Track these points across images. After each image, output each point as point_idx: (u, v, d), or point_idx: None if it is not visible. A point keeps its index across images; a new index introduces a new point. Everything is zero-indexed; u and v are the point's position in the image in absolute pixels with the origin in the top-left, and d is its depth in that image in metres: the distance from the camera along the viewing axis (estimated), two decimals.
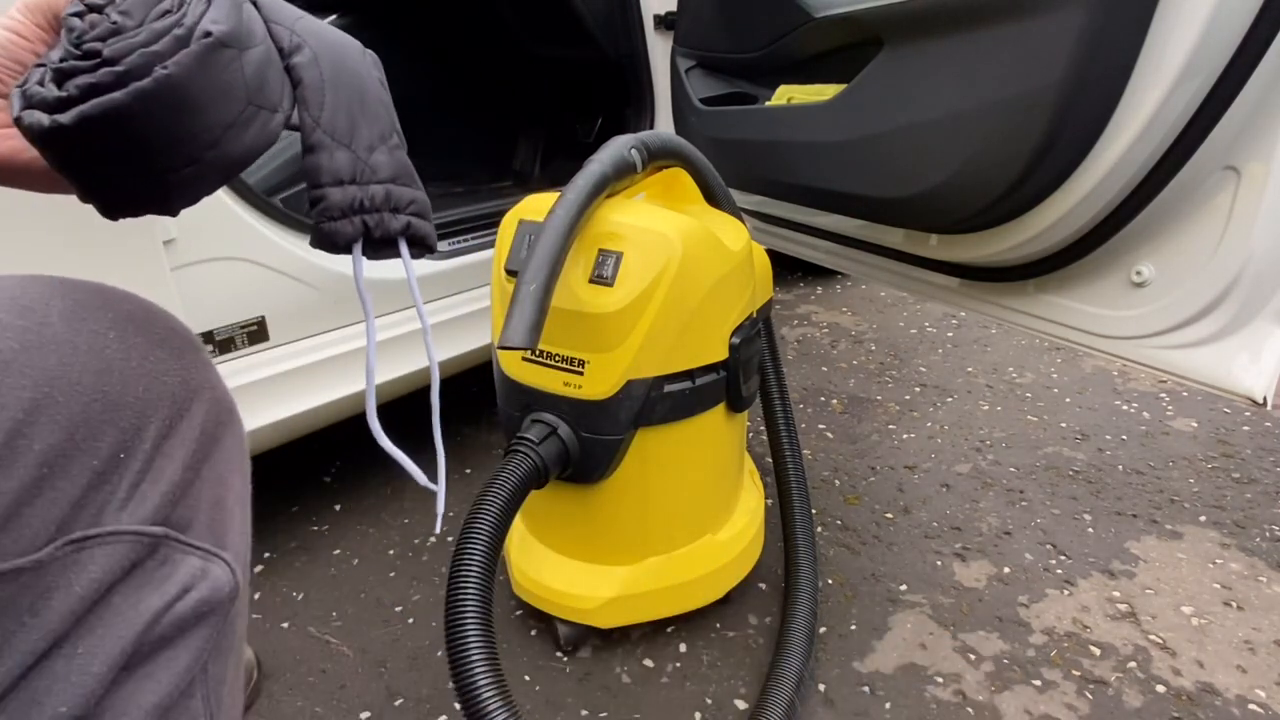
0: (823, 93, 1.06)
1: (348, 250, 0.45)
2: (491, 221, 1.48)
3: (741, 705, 0.98)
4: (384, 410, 1.24)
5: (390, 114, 0.47)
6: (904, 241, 1.10)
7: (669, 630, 1.10)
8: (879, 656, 1.04)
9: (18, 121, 0.35)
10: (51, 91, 0.35)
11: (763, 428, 1.23)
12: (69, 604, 0.34)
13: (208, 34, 0.36)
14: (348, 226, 0.44)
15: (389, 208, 0.46)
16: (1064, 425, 1.61)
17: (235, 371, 1.07)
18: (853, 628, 1.09)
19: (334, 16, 2.18)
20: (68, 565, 0.34)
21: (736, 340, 0.95)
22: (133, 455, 0.38)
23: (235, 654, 0.43)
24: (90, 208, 0.39)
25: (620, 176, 0.86)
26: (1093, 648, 1.05)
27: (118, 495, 0.37)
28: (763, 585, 1.18)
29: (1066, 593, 1.15)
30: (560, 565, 1.03)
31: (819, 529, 1.30)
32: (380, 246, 0.47)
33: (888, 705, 0.97)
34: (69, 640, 0.34)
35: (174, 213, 0.40)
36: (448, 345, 1.34)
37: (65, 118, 0.34)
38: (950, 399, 1.74)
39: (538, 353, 0.91)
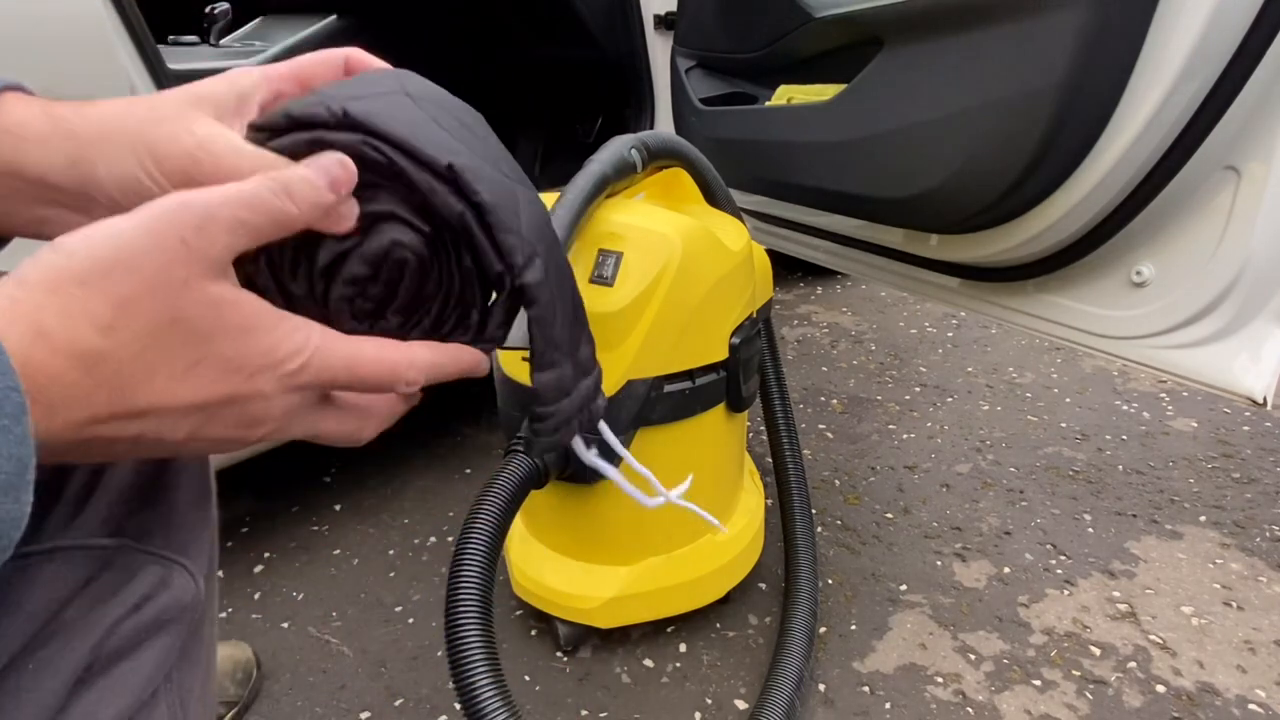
0: (823, 93, 1.06)
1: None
2: None
3: (741, 705, 0.98)
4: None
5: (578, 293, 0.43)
6: (904, 241, 1.10)
7: (669, 630, 1.10)
8: (879, 656, 1.04)
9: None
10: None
11: (763, 428, 1.23)
12: (18, 623, 0.32)
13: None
14: (569, 434, 0.43)
15: (595, 398, 0.44)
16: (1064, 425, 1.61)
17: None
18: (853, 628, 1.09)
19: (333, 17, 2.18)
20: (12, 583, 0.33)
21: (736, 340, 0.95)
22: (76, 465, 0.36)
23: (204, 664, 0.41)
24: None
25: (620, 176, 0.86)
26: (1093, 648, 1.05)
27: (65, 506, 0.35)
28: (763, 585, 1.18)
29: (1066, 593, 1.15)
30: (560, 565, 1.03)
31: (819, 529, 1.30)
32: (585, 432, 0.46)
33: (888, 705, 0.97)
34: (21, 656, 0.32)
35: None
36: None
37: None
38: (950, 399, 1.74)
39: None
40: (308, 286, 0.33)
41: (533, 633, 1.10)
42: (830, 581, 1.18)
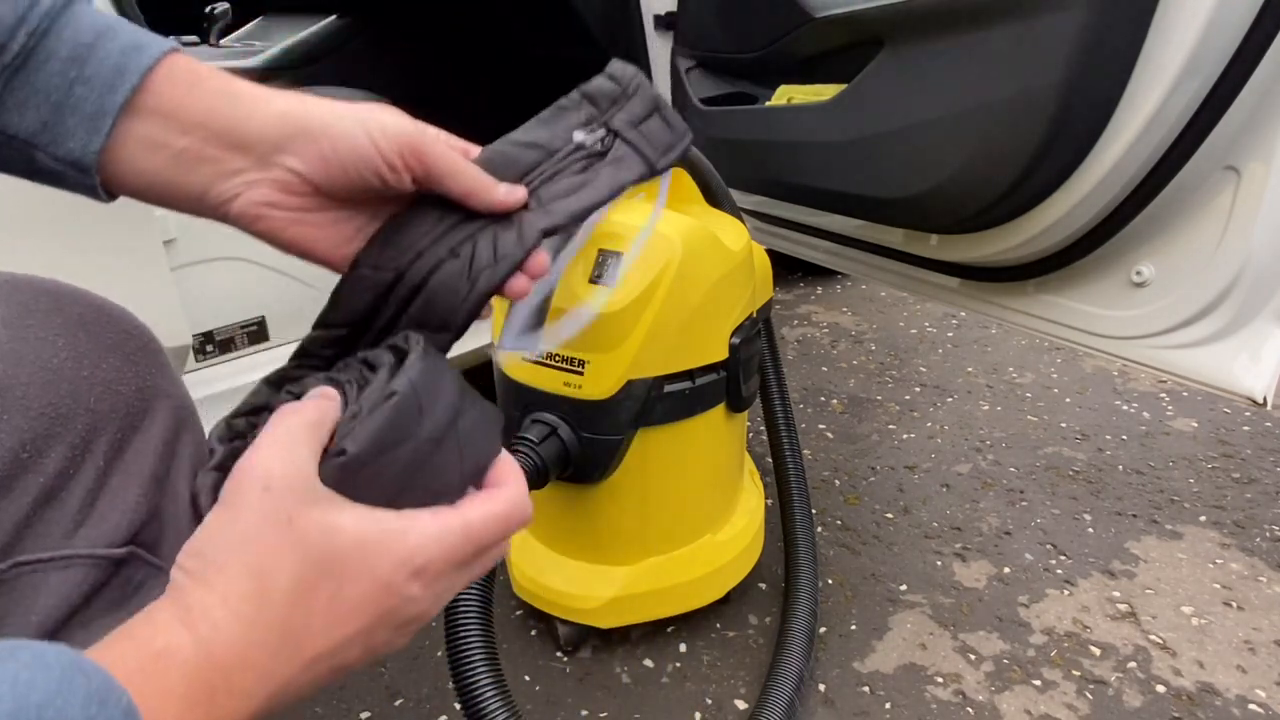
0: (823, 93, 1.06)
1: None
2: None
3: (741, 705, 0.98)
4: None
5: None
6: (904, 241, 1.10)
7: (669, 630, 1.10)
8: (879, 656, 1.04)
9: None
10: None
11: (763, 428, 1.23)
12: (27, 630, 0.32)
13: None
14: None
15: None
16: (1064, 425, 1.61)
17: (236, 371, 1.07)
18: (853, 628, 1.09)
19: (334, 16, 2.18)
20: (19, 590, 0.33)
21: (736, 340, 0.95)
22: (83, 470, 0.36)
23: None
24: (93, 209, 0.39)
25: None
26: (1093, 648, 1.05)
27: (68, 513, 0.35)
28: (763, 585, 1.18)
29: (1066, 593, 1.15)
30: (560, 565, 1.03)
31: (819, 529, 1.30)
32: None
33: (888, 705, 0.97)
34: None
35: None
36: None
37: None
38: (950, 399, 1.74)
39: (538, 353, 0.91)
40: None
41: (533, 633, 1.10)
42: (830, 581, 1.18)
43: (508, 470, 0.37)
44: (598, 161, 0.44)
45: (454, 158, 0.39)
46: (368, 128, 0.37)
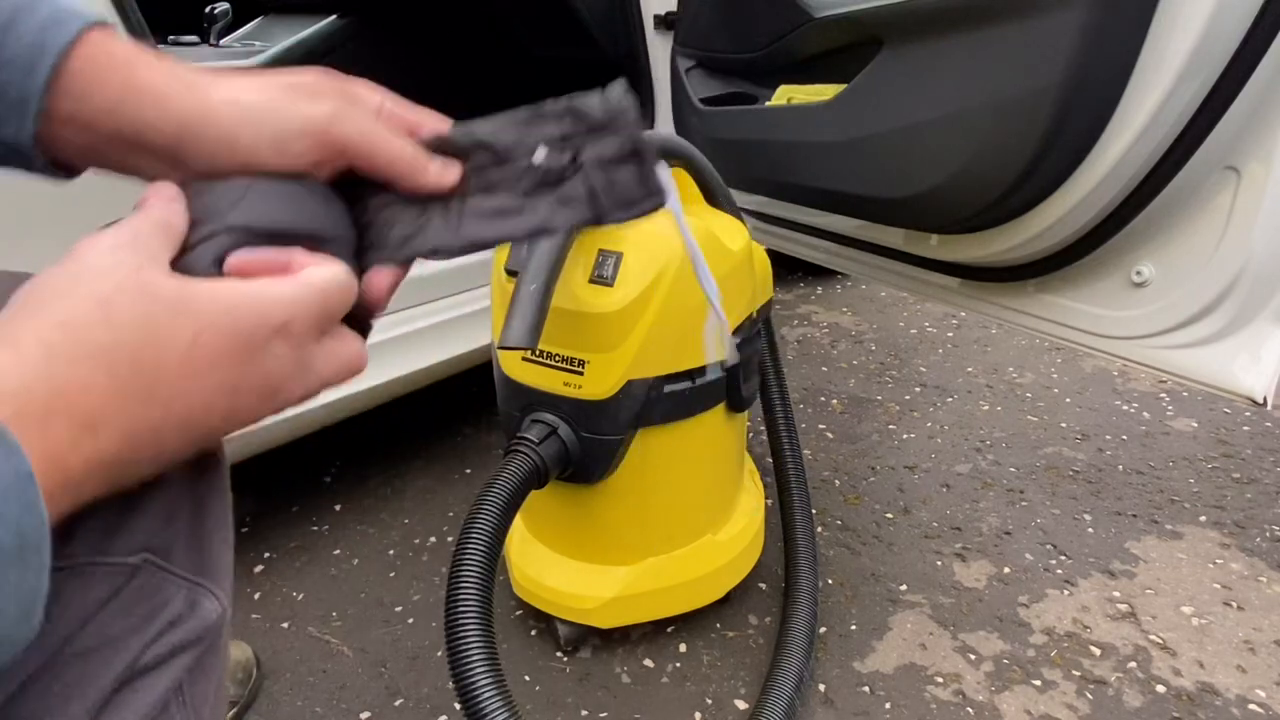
0: (823, 93, 1.06)
1: None
2: None
3: (741, 705, 0.98)
4: (390, 407, 1.25)
5: None
6: (904, 241, 1.10)
7: (669, 630, 1.10)
8: (879, 656, 1.04)
9: None
10: None
11: (763, 428, 1.23)
12: (39, 636, 0.31)
13: None
14: None
15: None
16: (1064, 425, 1.61)
17: None
18: (853, 628, 1.09)
19: (334, 16, 2.18)
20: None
21: (737, 340, 0.95)
22: None
23: (217, 672, 0.41)
24: (92, 206, 0.39)
25: None
26: (1093, 648, 1.05)
27: (94, 522, 0.34)
28: (763, 585, 1.18)
29: (1066, 593, 1.15)
30: (560, 565, 1.03)
31: (819, 529, 1.30)
32: None
33: (888, 705, 0.97)
34: (43, 675, 0.31)
35: None
36: (448, 345, 1.34)
37: None
38: (950, 399, 1.74)
39: (538, 353, 0.91)
40: None
41: (533, 633, 1.10)
42: (830, 581, 1.18)
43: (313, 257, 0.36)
44: (546, 191, 0.41)
45: (376, 143, 0.38)
46: (274, 132, 0.35)
